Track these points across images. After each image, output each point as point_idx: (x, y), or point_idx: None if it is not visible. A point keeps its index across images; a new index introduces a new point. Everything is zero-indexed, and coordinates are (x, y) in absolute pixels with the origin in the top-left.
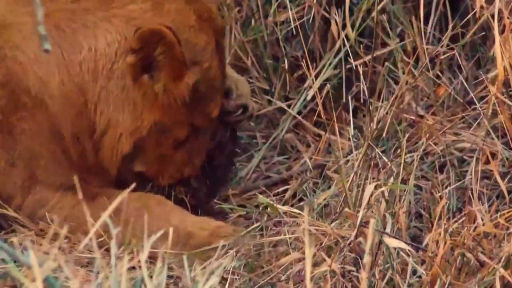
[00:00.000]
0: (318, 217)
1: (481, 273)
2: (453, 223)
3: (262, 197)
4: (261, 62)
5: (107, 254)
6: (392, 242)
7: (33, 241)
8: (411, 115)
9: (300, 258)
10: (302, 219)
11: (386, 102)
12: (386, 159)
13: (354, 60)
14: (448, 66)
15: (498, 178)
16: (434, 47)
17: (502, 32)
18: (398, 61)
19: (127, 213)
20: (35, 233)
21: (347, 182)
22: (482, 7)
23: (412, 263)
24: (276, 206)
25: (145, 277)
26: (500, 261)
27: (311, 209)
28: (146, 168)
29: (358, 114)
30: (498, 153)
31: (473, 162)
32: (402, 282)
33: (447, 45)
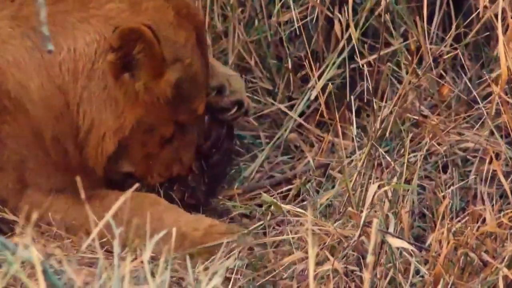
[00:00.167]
0: (322, 216)
1: (484, 272)
2: (456, 223)
3: (266, 195)
4: (264, 62)
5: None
6: (395, 242)
7: (34, 239)
8: (415, 115)
9: (303, 257)
10: (306, 219)
11: (389, 102)
12: (389, 159)
13: (358, 59)
14: (451, 65)
15: (501, 177)
16: (437, 47)
17: (505, 31)
18: (401, 60)
19: (122, 214)
20: (36, 235)
21: (351, 182)
22: (485, 7)
23: (415, 263)
24: (279, 205)
25: (148, 277)
26: (503, 260)
27: (315, 208)
28: (134, 168)
29: (361, 114)
30: (501, 152)
31: (476, 162)
32: (404, 282)
33: (451, 44)
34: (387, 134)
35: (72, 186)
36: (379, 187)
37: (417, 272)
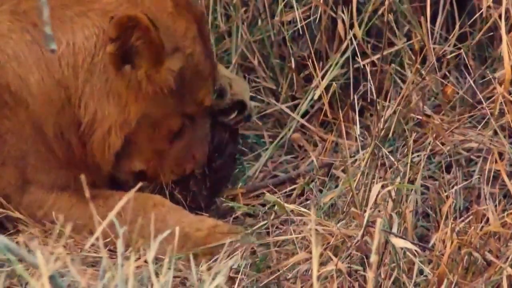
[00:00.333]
0: (325, 216)
1: (488, 272)
2: (460, 223)
3: (269, 195)
4: (267, 62)
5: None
6: (398, 242)
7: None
8: (418, 115)
9: (307, 257)
10: (309, 218)
11: (393, 102)
12: (393, 159)
13: (361, 59)
14: (455, 65)
15: (505, 177)
16: (441, 47)
17: (509, 31)
18: (405, 60)
19: (125, 214)
20: (40, 233)
21: (354, 181)
22: (489, 7)
23: (418, 263)
24: (283, 205)
25: (152, 277)
26: (507, 260)
27: (318, 208)
28: (145, 165)
29: (365, 114)
30: (505, 152)
31: (480, 161)
32: (408, 282)
33: (454, 44)
34: (391, 134)
35: (75, 183)
36: (383, 187)
37: (420, 272)
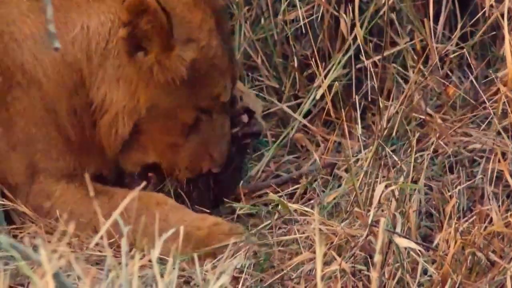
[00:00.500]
0: (328, 216)
1: (491, 272)
2: (463, 223)
3: (273, 194)
4: (270, 60)
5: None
6: (402, 242)
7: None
8: (421, 115)
9: (310, 257)
10: (313, 218)
11: (395, 101)
12: (396, 158)
13: (364, 58)
14: (457, 65)
15: (508, 177)
16: (443, 46)
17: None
18: (407, 60)
19: (128, 213)
20: (45, 230)
21: (357, 181)
22: (491, 6)
23: (422, 263)
24: (286, 204)
25: (156, 276)
26: (511, 260)
27: (322, 207)
28: (159, 158)
29: (368, 114)
30: (508, 152)
31: (483, 161)
32: (412, 282)
33: (457, 44)
34: (394, 134)
35: (83, 172)
36: (386, 187)
37: (424, 271)
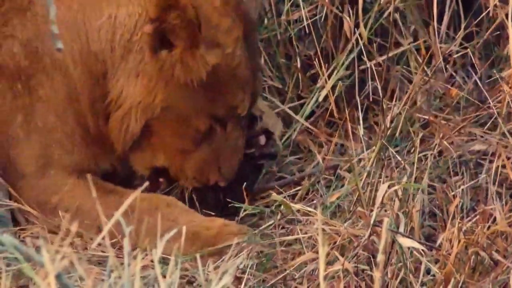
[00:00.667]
0: (331, 216)
1: (495, 272)
2: (466, 222)
3: (276, 194)
4: (274, 60)
5: (120, 253)
6: (405, 241)
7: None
8: (424, 115)
9: (313, 257)
10: (316, 218)
11: (399, 102)
12: (399, 158)
13: (367, 59)
14: (461, 65)
15: None
16: (447, 46)
17: None
18: (411, 60)
19: (137, 213)
20: (48, 229)
21: (360, 181)
22: (496, 6)
23: (425, 262)
24: (289, 204)
25: (158, 276)
26: None
27: (324, 207)
28: (168, 162)
29: (371, 114)
30: None
31: (487, 161)
32: (415, 281)
33: (461, 44)
34: (397, 134)
35: (95, 167)
36: (389, 187)
37: (427, 271)
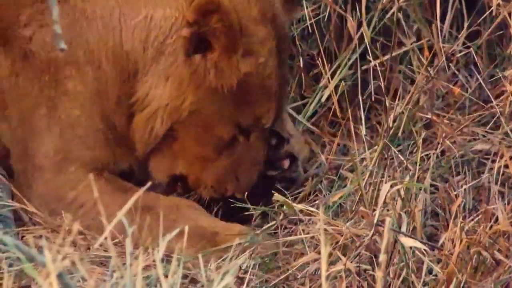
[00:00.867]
0: (334, 216)
1: (497, 271)
2: (469, 222)
3: (278, 195)
4: None
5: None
6: (407, 241)
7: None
8: (427, 114)
9: (316, 257)
10: (318, 218)
11: (402, 101)
12: (402, 158)
13: (370, 58)
14: (464, 64)
15: None
16: (450, 45)
17: None
18: (414, 60)
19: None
20: (52, 229)
21: (363, 180)
22: (498, 5)
23: (427, 262)
24: (292, 204)
25: (160, 276)
26: None
27: (327, 207)
28: (187, 170)
29: (374, 113)
30: None
31: (489, 160)
32: (417, 281)
33: (464, 43)
34: (400, 133)
35: (114, 166)
36: (392, 186)
37: (430, 271)
